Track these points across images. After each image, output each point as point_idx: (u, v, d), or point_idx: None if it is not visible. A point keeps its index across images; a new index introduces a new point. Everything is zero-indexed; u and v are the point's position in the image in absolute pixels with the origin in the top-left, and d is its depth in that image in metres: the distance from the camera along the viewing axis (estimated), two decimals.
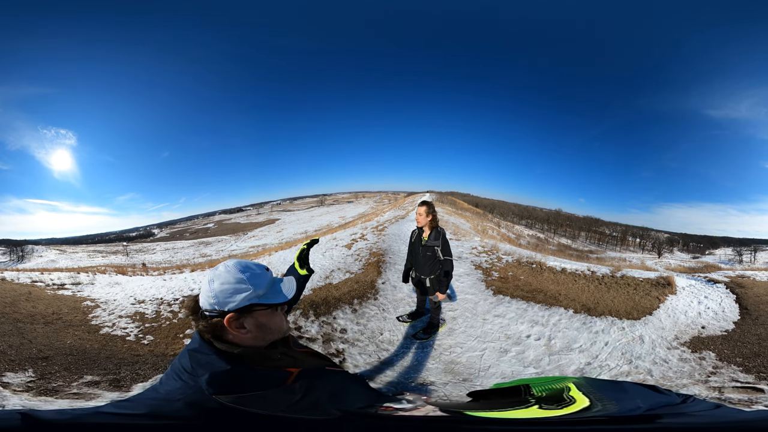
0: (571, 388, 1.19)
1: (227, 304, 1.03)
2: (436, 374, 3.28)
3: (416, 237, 3.67)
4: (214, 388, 0.92)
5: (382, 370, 3.37)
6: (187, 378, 0.96)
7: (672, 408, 1.13)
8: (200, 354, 1.01)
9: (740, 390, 2.97)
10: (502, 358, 3.56)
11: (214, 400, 0.91)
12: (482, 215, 48.16)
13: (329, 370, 1.30)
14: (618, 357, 3.54)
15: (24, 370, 3.11)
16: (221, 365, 0.98)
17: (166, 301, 5.16)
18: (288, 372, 1.09)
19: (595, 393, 1.18)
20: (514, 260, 6.94)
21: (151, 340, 4.00)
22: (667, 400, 1.21)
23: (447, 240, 3.57)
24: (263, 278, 1.11)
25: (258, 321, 1.08)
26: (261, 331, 1.09)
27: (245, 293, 1.04)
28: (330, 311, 4.45)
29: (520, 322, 4.24)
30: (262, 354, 1.10)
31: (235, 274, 1.05)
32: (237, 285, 1.04)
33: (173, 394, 0.93)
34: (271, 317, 1.12)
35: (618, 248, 65.75)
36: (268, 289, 1.11)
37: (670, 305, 4.74)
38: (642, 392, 1.27)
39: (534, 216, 79.23)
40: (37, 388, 2.86)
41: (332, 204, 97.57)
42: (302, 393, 1.04)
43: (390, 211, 20.98)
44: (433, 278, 3.59)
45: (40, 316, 4.35)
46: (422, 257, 3.57)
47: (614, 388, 1.49)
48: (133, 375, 3.20)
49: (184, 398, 0.91)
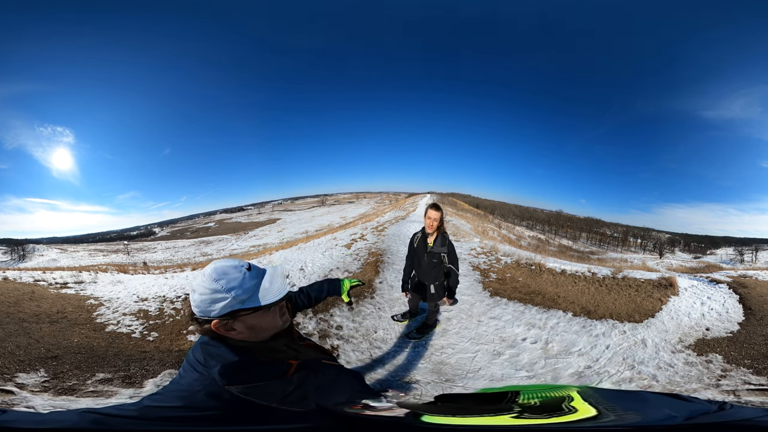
0: (575, 397, 1.09)
1: (210, 312, 1.01)
2: (423, 374, 3.27)
3: (419, 242, 3.42)
4: (225, 379, 0.97)
5: (372, 367, 3.39)
6: (201, 369, 1.00)
7: (712, 416, 0.99)
8: (211, 346, 1.04)
9: (757, 393, 2.85)
10: (494, 360, 3.48)
11: (227, 390, 0.95)
12: (483, 216, 48.15)
13: (325, 363, 1.32)
14: (619, 362, 3.41)
15: (36, 370, 3.11)
16: (230, 356, 1.02)
17: (168, 299, 5.20)
18: (289, 364, 1.12)
19: (606, 403, 1.07)
20: (513, 261, 6.92)
21: (156, 336, 4.05)
22: (700, 408, 1.09)
23: (453, 245, 3.41)
24: (243, 281, 1.05)
25: (247, 323, 1.06)
26: (253, 331, 1.08)
27: (223, 302, 1.01)
28: (327, 308, 4.49)
29: (516, 325, 4.17)
30: (266, 346, 1.12)
31: (210, 284, 1.01)
32: (213, 295, 1.01)
33: (194, 385, 0.97)
34: (261, 318, 1.09)
35: (619, 249, 65.62)
36: (252, 292, 1.05)
37: (673, 307, 4.66)
38: (667, 401, 1.14)
39: (535, 217, 79.12)
40: (54, 388, 2.86)
41: (333, 204, 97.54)
42: (296, 385, 1.07)
43: (390, 212, 21.00)
44: (437, 284, 3.43)
45: (45, 315, 4.38)
46: (427, 264, 3.36)
47: (630, 397, 1.37)
48: (143, 371, 3.23)
49: (203, 389, 0.96)
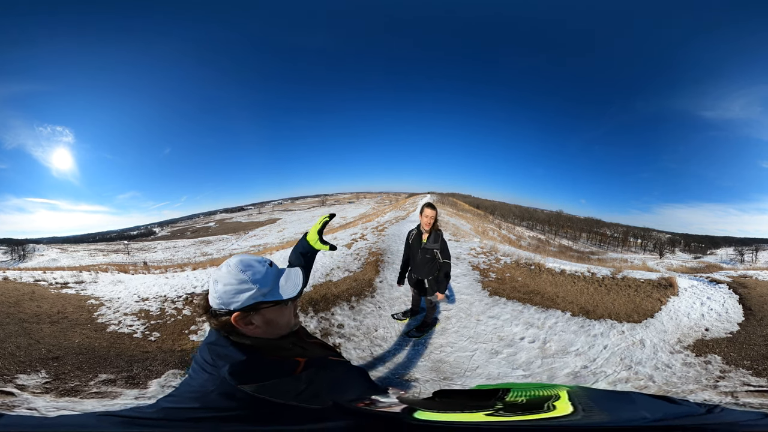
0: (561, 396, 1.09)
1: (232, 303, 1.03)
2: (422, 372, 3.31)
3: (414, 238, 3.64)
4: (236, 379, 0.97)
5: (373, 365, 3.43)
6: (211, 370, 1.00)
7: (695, 419, 1.00)
8: (218, 346, 1.05)
9: (756, 395, 2.84)
10: (492, 359, 3.51)
11: (240, 390, 0.96)
12: (483, 217, 48.17)
13: (333, 360, 1.33)
14: (616, 362, 3.42)
15: (36, 371, 3.08)
16: (238, 356, 1.02)
17: (169, 299, 5.20)
18: (297, 361, 1.13)
19: (588, 402, 1.08)
20: (513, 261, 6.94)
21: (158, 336, 4.05)
22: (684, 410, 1.10)
23: (446, 242, 3.58)
24: (267, 275, 1.09)
25: (266, 317, 1.09)
26: (269, 327, 1.10)
27: (248, 293, 1.04)
28: (329, 307, 4.52)
29: (514, 324, 4.20)
30: (273, 344, 1.12)
31: (237, 275, 1.04)
32: (239, 286, 1.04)
33: (206, 386, 0.98)
34: (280, 313, 1.12)
35: (619, 249, 65.54)
36: (273, 286, 1.09)
37: (672, 307, 4.66)
38: (651, 403, 1.16)
39: (535, 217, 79.04)
40: (56, 390, 2.83)
41: (333, 204, 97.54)
42: (306, 382, 1.09)
43: (391, 212, 21.01)
44: (432, 279, 3.59)
45: (46, 316, 4.37)
46: (421, 259, 3.56)
47: (616, 398, 1.37)
48: (146, 372, 3.21)
49: (216, 389, 0.96)
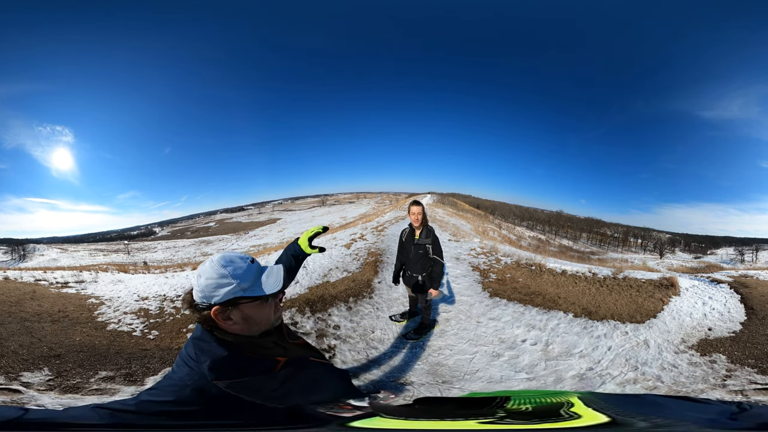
0: (575, 402, 1.05)
1: (212, 297, 1.07)
2: (419, 375, 3.24)
3: (407, 236, 3.68)
4: (214, 374, 1.01)
5: (368, 368, 3.36)
6: (193, 365, 1.05)
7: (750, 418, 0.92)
8: (202, 342, 1.08)
9: (766, 392, 2.87)
10: (493, 362, 3.44)
11: (214, 385, 1.00)
12: (483, 217, 48.16)
13: (313, 361, 1.35)
14: (622, 363, 3.40)
15: (39, 369, 3.14)
16: (220, 351, 1.06)
17: (168, 298, 5.22)
18: (276, 360, 1.16)
19: (614, 408, 1.02)
20: (513, 262, 6.90)
21: (157, 335, 4.07)
22: (716, 409, 1.05)
23: (437, 237, 3.60)
24: (248, 271, 1.12)
25: (244, 313, 1.11)
26: (247, 323, 1.13)
27: (228, 287, 1.07)
28: (326, 308, 4.47)
29: (515, 326, 4.14)
30: (253, 342, 1.15)
31: (218, 270, 1.08)
32: (219, 280, 1.07)
33: (184, 380, 1.02)
34: (258, 309, 1.14)
35: (620, 249, 65.50)
36: (253, 282, 1.13)
37: (675, 307, 4.65)
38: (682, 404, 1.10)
39: (535, 217, 79.01)
40: (59, 386, 2.89)
41: (333, 204, 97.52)
42: (280, 381, 1.12)
43: (391, 212, 20.98)
44: (425, 275, 3.61)
45: (47, 315, 4.40)
46: (414, 255, 3.60)
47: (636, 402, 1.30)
48: (144, 369, 3.26)
49: (192, 384, 1.01)
